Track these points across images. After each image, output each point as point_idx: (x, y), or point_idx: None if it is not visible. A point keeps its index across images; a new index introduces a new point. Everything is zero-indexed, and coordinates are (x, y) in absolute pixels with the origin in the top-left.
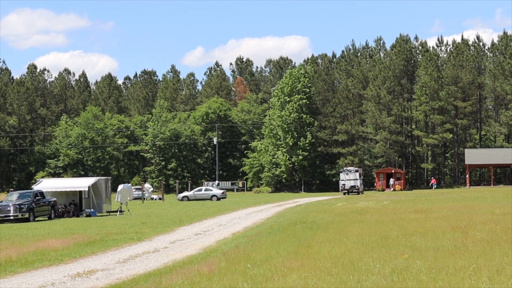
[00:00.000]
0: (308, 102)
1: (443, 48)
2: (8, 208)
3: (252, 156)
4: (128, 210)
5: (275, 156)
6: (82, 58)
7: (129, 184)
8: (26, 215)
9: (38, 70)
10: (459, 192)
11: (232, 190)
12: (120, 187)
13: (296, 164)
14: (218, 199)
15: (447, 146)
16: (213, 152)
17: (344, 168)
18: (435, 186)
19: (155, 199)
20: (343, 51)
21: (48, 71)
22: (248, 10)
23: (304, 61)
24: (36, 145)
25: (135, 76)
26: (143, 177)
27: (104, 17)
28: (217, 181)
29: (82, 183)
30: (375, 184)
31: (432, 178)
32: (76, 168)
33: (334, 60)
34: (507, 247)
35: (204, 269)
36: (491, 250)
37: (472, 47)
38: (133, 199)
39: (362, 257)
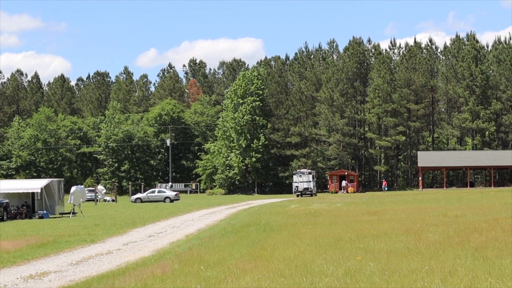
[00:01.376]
0: (261, 104)
1: (396, 50)
2: None
3: (206, 158)
4: (81, 212)
5: (228, 158)
6: (35, 59)
7: (82, 186)
8: None
9: None
10: (412, 195)
11: (185, 192)
12: (73, 188)
13: (249, 166)
14: (171, 201)
15: (400, 149)
16: (166, 154)
17: (297, 170)
18: (386, 189)
19: (108, 201)
20: (296, 53)
21: (0, 72)
22: (202, 12)
23: (258, 63)
24: None
25: (88, 77)
26: (96, 178)
27: (57, 18)
28: (170, 183)
29: (34, 185)
30: (328, 186)
31: (383, 180)
32: (28, 170)
33: (287, 62)
34: (459, 249)
35: (157, 271)
36: (443, 252)
37: (424, 50)
38: (86, 200)
39: (316, 259)
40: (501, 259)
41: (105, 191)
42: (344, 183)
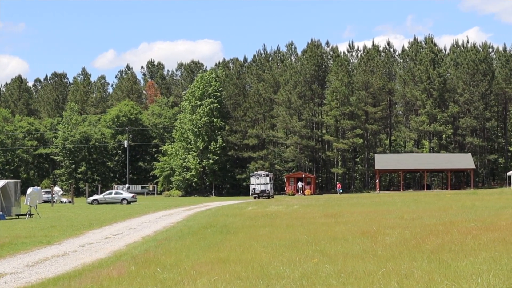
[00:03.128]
0: (219, 106)
1: (354, 53)
2: None
3: (163, 159)
4: (38, 213)
5: (186, 160)
6: None
7: (39, 187)
8: None
9: None
10: (368, 197)
11: (143, 193)
12: (30, 190)
13: (206, 168)
14: (128, 202)
15: (357, 151)
16: (123, 156)
17: (255, 172)
18: (341, 191)
19: (65, 203)
20: (254, 56)
21: None
22: (160, 13)
23: (216, 65)
24: None
25: (46, 78)
26: (52, 180)
27: (15, 18)
28: (127, 185)
29: None
30: (285, 189)
31: (338, 183)
32: None
33: (246, 64)
34: (416, 252)
35: (113, 273)
36: (400, 254)
37: (382, 53)
38: (43, 202)
39: (272, 261)
40: (457, 262)
41: (61, 192)
42: (299, 184)
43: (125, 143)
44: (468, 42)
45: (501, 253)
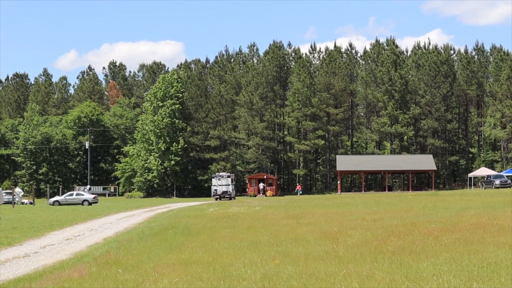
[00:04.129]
0: (180, 107)
1: (316, 55)
2: None
3: (124, 161)
4: None
5: (147, 161)
6: None
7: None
8: None
9: None
10: (330, 198)
11: (104, 195)
12: None
13: (168, 169)
14: (90, 203)
15: (319, 153)
16: (85, 157)
17: (216, 174)
18: (301, 192)
19: (26, 204)
20: (216, 57)
21: None
22: (123, 14)
23: (178, 66)
24: None
25: (7, 79)
26: (13, 181)
27: None
28: (88, 186)
29: None
30: (247, 190)
31: (298, 184)
32: None
33: (208, 65)
34: (377, 253)
35: (74, 274)
36: (361, 256)
37: (344, 55)
38: (3, 203)
39: (234, 262)
40: (418, 263)
41: (22, 193)
42: (262, 186)
43: (87, 144)
44: (429, 44)
45: (462, 254)
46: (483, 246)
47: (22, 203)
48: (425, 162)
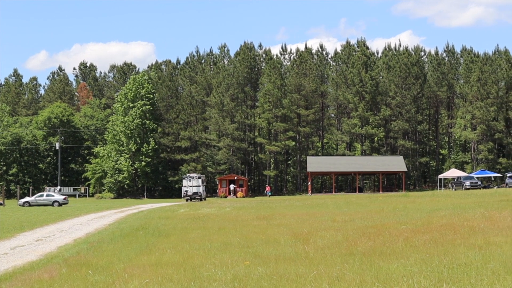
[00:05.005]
0: (151, 108)
1: (287, 56)
2: None
3: (95, 161)
4: None
5: (118, 162)
6: None
7: None
8: None
9: None
10: (301, 199)
11: (74, 196)
12: None
13: (139, 170)
14: (60, 204)
15: (289, 154)
16: (55, 158)
17: (187, 175)
18: (270, 194)
19: None
20: (187, 58)
21: None
22: (93, 15)
23: (148, 67)
24: None
25: None
26: None
27: None
28: (59, 187)
29: None
30: (218, 191)
31: (267, 185)
32: None
33: (178, 66)
34: (347, 254)
35: (44, 276)
36: (332, 257)
37: (315, 56)
38: None
39: (204, 263)
40: (388, 264)
41: None
42: (233, 187)
43: (57, 145)
44: (400, 45)
45: (432, 255)
46: (454, 247)
47: None
48: (396, 164)
